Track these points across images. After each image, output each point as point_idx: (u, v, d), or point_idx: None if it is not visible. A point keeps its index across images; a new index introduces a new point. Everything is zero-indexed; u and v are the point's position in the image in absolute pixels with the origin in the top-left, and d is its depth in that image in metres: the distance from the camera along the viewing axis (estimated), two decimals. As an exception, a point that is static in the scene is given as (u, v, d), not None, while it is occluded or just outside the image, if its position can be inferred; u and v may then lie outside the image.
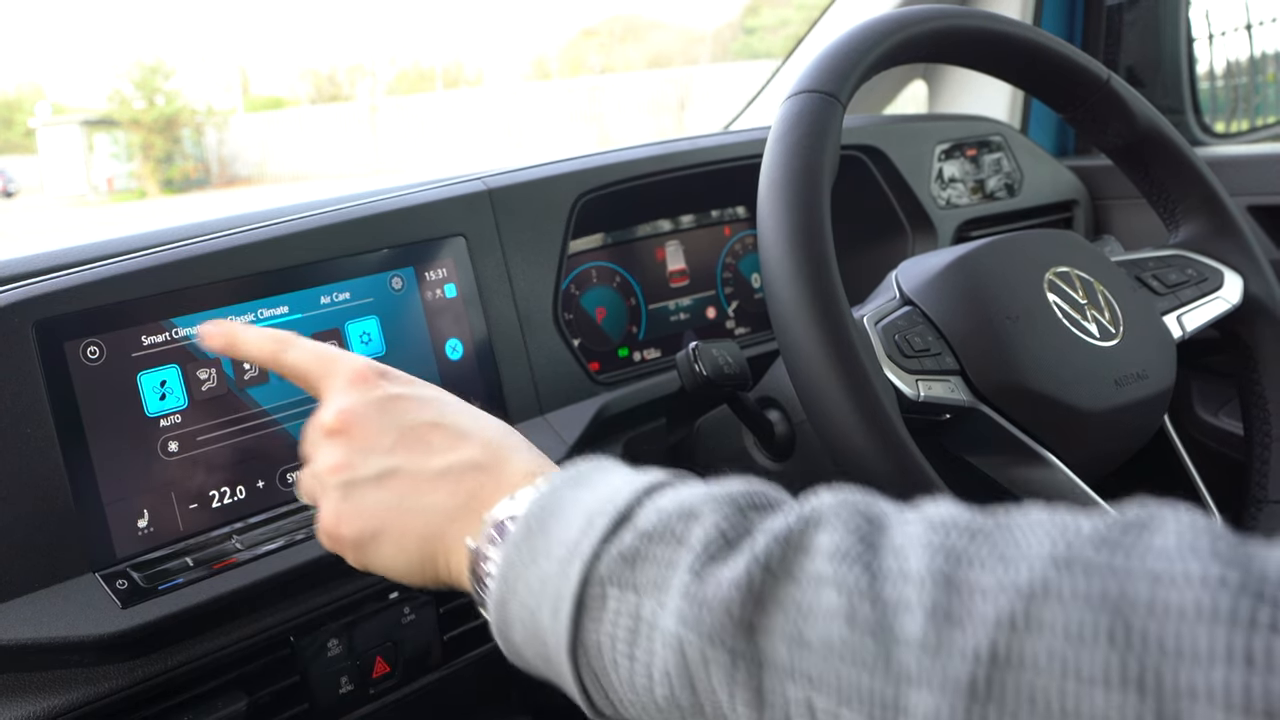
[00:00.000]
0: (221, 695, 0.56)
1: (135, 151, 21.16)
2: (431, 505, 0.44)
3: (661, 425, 0.78)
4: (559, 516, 0.40)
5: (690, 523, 0.36)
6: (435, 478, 0.44)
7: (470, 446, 0.45)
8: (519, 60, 39.94)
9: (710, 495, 0.38)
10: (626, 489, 0.39)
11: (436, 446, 0.45)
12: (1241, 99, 1.24)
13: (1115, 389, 0.58)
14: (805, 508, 0.35)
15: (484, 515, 0.42)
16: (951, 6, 0.63)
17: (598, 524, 0.38)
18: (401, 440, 0.45)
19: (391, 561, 0.45)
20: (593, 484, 0.41)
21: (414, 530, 0.44)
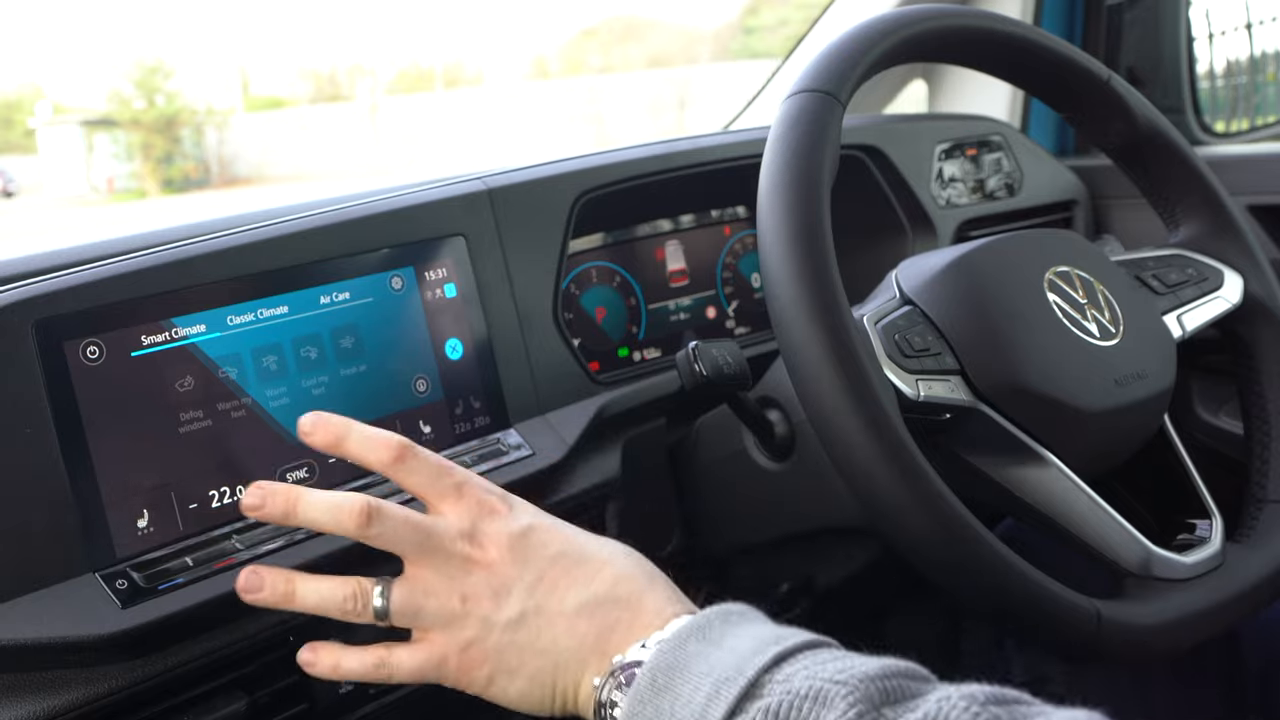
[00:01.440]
0: (221, 695, 0.56)
1: (135, 151, 21.15)
2: (567, 644, 0.45)
3: (661, 425, 0.78)
4: (685, 675, 0.40)
5: (821, 709, 0.36)
6: (573, 616, 0.45)
7: (604, 579, 0.46)
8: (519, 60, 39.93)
9: (843, 679, 0.37)
10: (757, 656, 0.39)
11: (573, 582, 0.46)
12: (1241, 98, 1.24)
13: (1115, 389, 0.58)
14: (937, 709, 0.34)
15: (614, 658, 0.43)
16: (951, 6, 0.63)
17: (724, 694, 0.38)
18: (540, 578, 0.46)
19: (518, 696, 0.46)
20: (722, 642, 0.41)
21: (547, 669, 0.45)
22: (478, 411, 0.68)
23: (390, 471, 0.48)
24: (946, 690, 0.36)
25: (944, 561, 0.50)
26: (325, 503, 0.47)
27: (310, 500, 0.47)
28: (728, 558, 0.79)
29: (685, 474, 0.78)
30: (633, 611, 0.45)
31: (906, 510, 0.49)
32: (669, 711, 0.39)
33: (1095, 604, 0.52)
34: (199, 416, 0.57)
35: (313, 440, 0.49)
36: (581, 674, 0.44)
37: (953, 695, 0.35)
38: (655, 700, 0.40)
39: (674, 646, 0.41)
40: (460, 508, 0.48)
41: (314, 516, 0.47)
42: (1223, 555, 0.59)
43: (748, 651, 0.40)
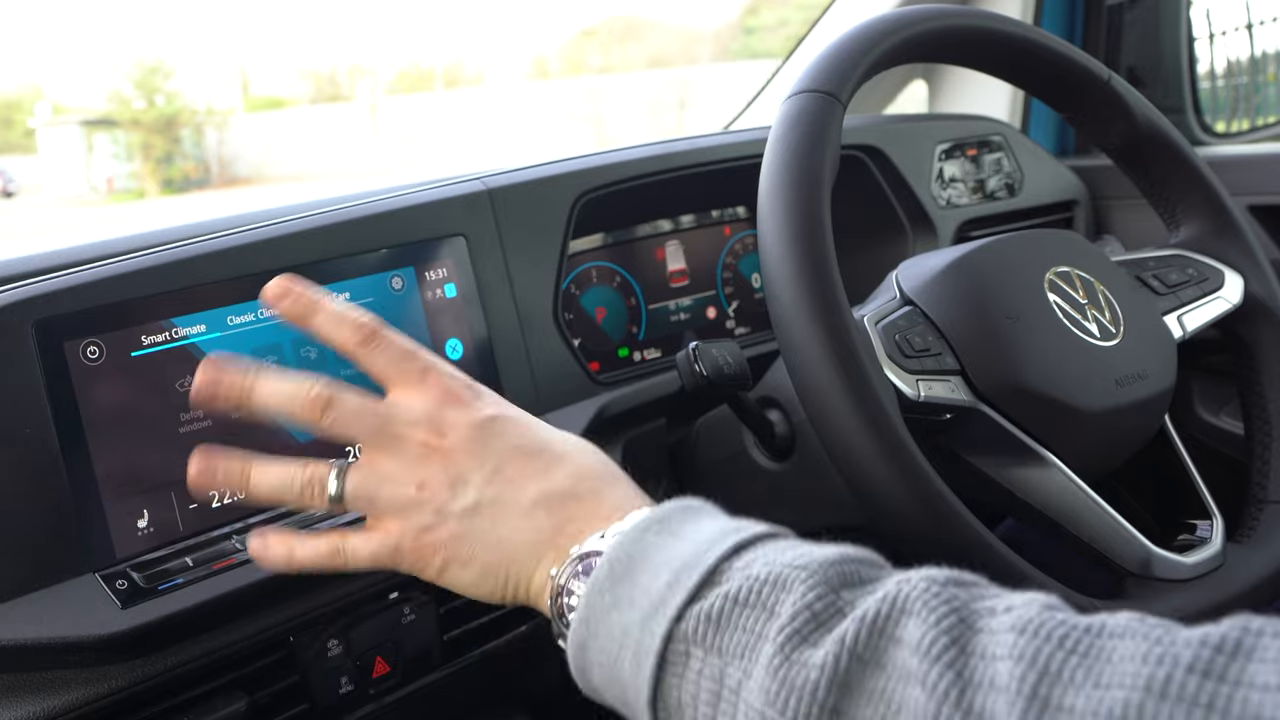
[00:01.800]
0: (221, 695, 0.56)
1: (135, 151, 21.15)
2: (523, 536, 0.44)
3: (661, 425, 0.78)
4: (645, 564, 0.40)
5: (780, 593, 0.36)
6: (529, 508, 0.44)
7: (563, 473, 0.46)
8: (519, 60, 39.94)
9: (802, 564, 0.37)
10: (716, 545, 0.39)
11: (531, 473, 0.45)
12: (1242, 98, 1.24)
13: (1116, 389, 0.58)
14: (896, 590, 0.35)
15: (571, 548, 0.43)
16: (952, 6, 0.63)
17: (684, 581, 0.38)
18: (497, 470, 0.45)
19: (471, 584, 0.45)
20: (681, 532, 0.41)
21: (502, 558, 0.44)
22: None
23: (356, 353, 0.47)
24: (905, 573, 0.36)
25: (944, 562, 0.50)
26: (282, 388, 0.46)
27: (268, 384, 0.46)
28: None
29: (685, 474, 0.78)
30: (592, 505, 0.44)
31: (907, 510, 0.49)
32: (627, 599, 0.39)
33: (1096, 604, 0.51)
34: (199, 416, 0.57)
35: (279, 307, 0.47)
36: (536, 566, 0.44)
37: (912, 577, 0.35)
38: (614, 589, 0.40)
39: (633, 537, 0.41)
40: (423, 393, 0.46)
41: (269, 401, 0.46)
42: (1223, 556, 0.59)
43: (707, 541, 0.40)
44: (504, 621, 0.67)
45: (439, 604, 0.64)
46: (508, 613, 0.67)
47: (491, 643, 0.67)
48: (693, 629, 0.37)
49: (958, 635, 0.32)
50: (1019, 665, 0.30)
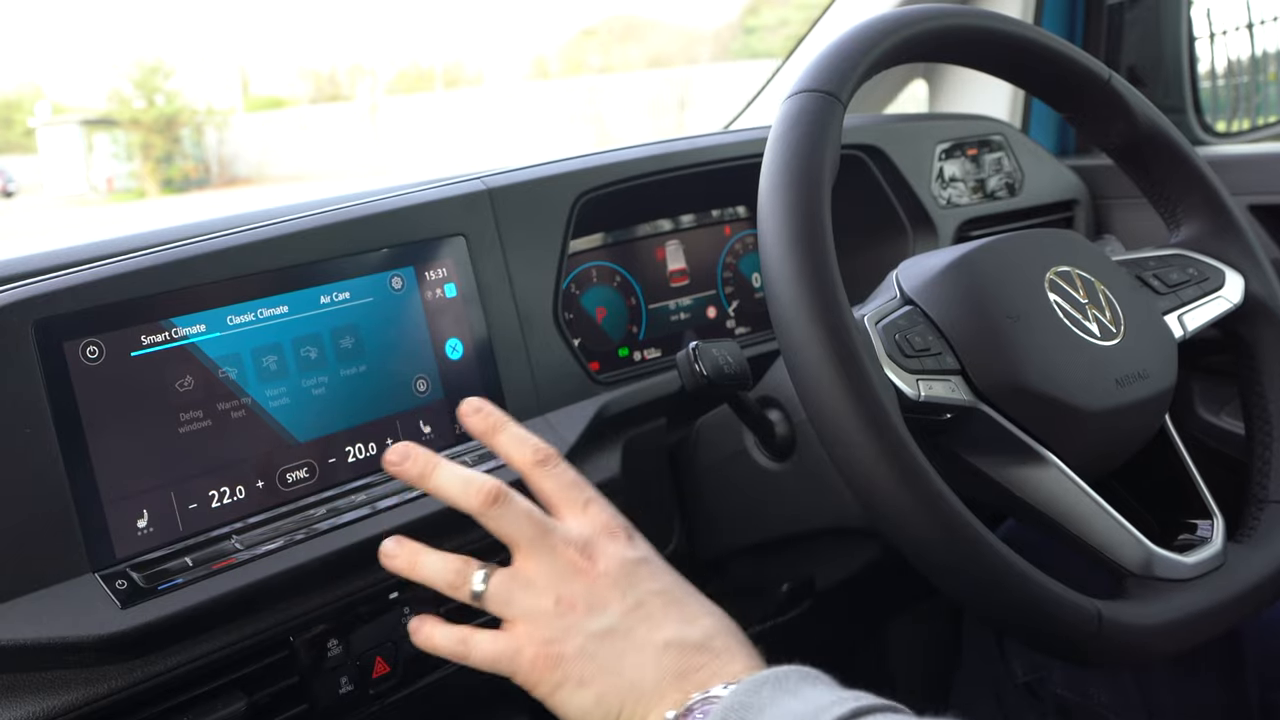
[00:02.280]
0: (221, 696, 0.56)
1: (135, 151, 21.15)
2: (648, 673, 0.44)
3: (661, 425, 0.78)
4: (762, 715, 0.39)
5: None
6: (662, 647, 0.45)
7: (701, 626, 0.46)
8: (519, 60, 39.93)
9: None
10: (834, 707, 0.39)
11: (670, 618, 0.46)
12: (1243, 98, 1.24)
13: (1116, 389, 0.58)
14: None
15: (694, 692, 0.43)
16: (952, 6, 0.63)
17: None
18: (639, 605, 0.46)
19: (582, 711, 0.45)
20: (799, 692, 0.41)
21: (618, 690, 0.44)
22: (478, 411, 0.68)
23: (530, 472, 0.51)
24: None
25: (944, 562, 0.50)
26: (459, 476, 0.50)
27: (446, 470, 0.50)
28: (728, 558, 0.79)
29: (686, 474, 0.78)
30: (723, 662, 0.45)
31: (907, 510, 0.49)
32: None
33: (1096, 604, 0.51)
34: (199, 416, 0.57)
35: (470, 421, 0.53)
36: (651, 708, 0.44)
37: None
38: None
39: (749, 689, 0.41)
40: (584, 520, 0.49)
41: (446, 485, 0.50)
42: (1224, 555, 0.59)
43: (825, 703, 0.39)
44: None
45: (439, 604, 0.64)
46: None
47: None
48: None
49: None
50: None
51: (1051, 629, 0.51)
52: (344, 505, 0.60)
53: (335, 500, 0.61)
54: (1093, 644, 0.51)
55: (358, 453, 0.62)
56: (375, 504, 0.61)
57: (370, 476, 0.62)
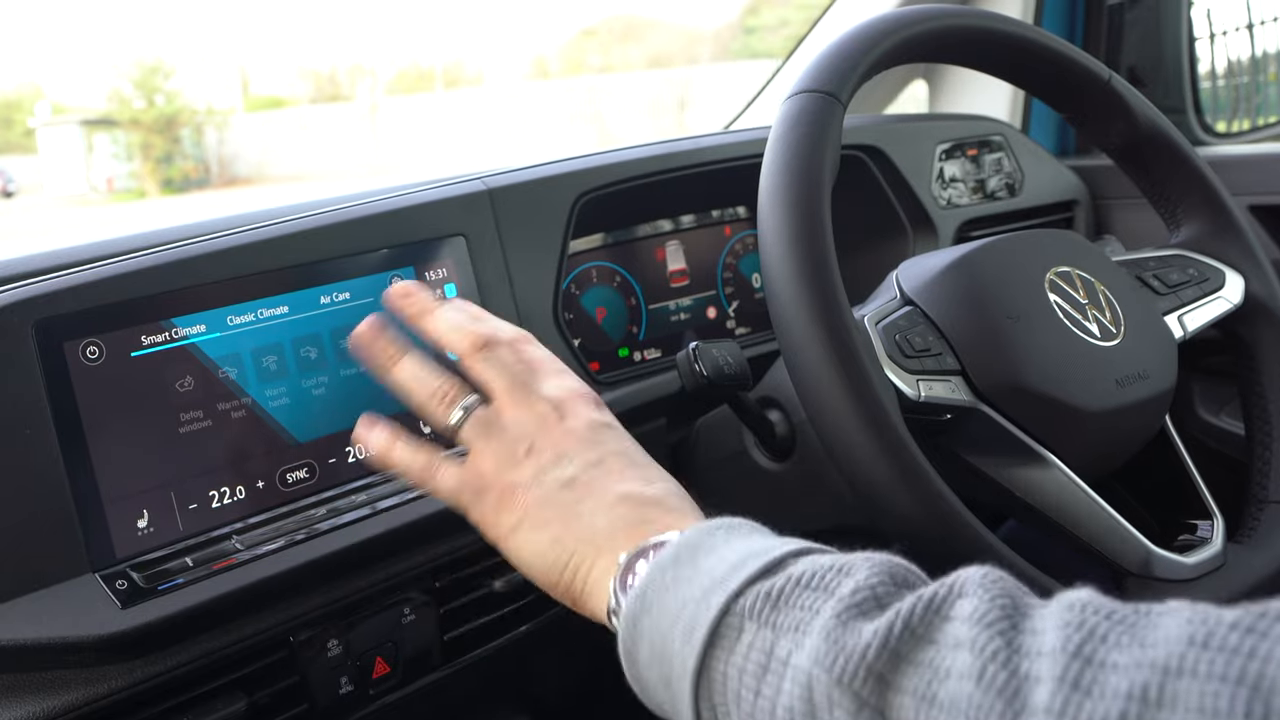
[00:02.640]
0: (221, 696, 0.56)
1: (135, 151, 21.15)
2: (600, 521, 0.45)
3: (661, 425, 0.78)
4: (711, 552, 0.40)
5: (844, 577, 0.37)
6: (615, 499, 0.46)
7: (658, 487, 0.47)
8: (519, 60, 39.93)
9: (868, 558, 0.38)
10: (784, 545, 0.40)
11: (629, 476, 0.47)
12: (1243, 98, 1.24)
13: (1116, 389, 0.58)
14: (954, 578, 0.36)
15: (647, 538, 0.44)
16: (952, 6, 0.63)
17: (750, 565, 0.39)
18: (600, 462, 0.47)
19: (535, 553, 0.46)
20: (752, 536, 0.42)
21: (574, 534, 0.45)
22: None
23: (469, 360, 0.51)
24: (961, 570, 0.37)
25: (944, 562, 0.50)
26: (453, 320, 0.52)
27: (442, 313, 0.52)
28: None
29: (686, 474, 0.78)
30: (673, 516, 0.46)
31: (907, 510, 0.49)
32: (689, 578, 0.39)
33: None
34: (199, 416, 0.57)
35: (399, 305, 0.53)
36: (601, 554, 0.44)
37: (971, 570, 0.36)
38: (676, 568, 0.40)
39: (704, 531, 0.42)
40: (563, 384, 0.51)
41: (439, 325, 0.52)
42: (1224, 556, 0.59)
43: (778, 542, 0.41)
44: (504, 621, 0.67)
45: (439, 604, 0.64)
46: (508, 613, 0.67)
47: (491, 643, 0.67)
48: (750, 605, 0.37)
49: (1009, 611, 0.33)
50: (1065, 630, 0.31)
51: (1051, 629, 0.51)
52: (344, 505, 0.60)
53: (335, 500, 0.61)
54: (1093, 644, 0.51)
55: (358, 453, 0.62)
56: (375, 504, 0.61)
57: (370, 476, 0.62)
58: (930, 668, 0.32)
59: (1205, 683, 0.27)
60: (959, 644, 0.32)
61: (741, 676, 0.36)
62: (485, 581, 0.66)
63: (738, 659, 0.37)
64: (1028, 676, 0.30)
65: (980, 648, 0.32)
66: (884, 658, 0.33)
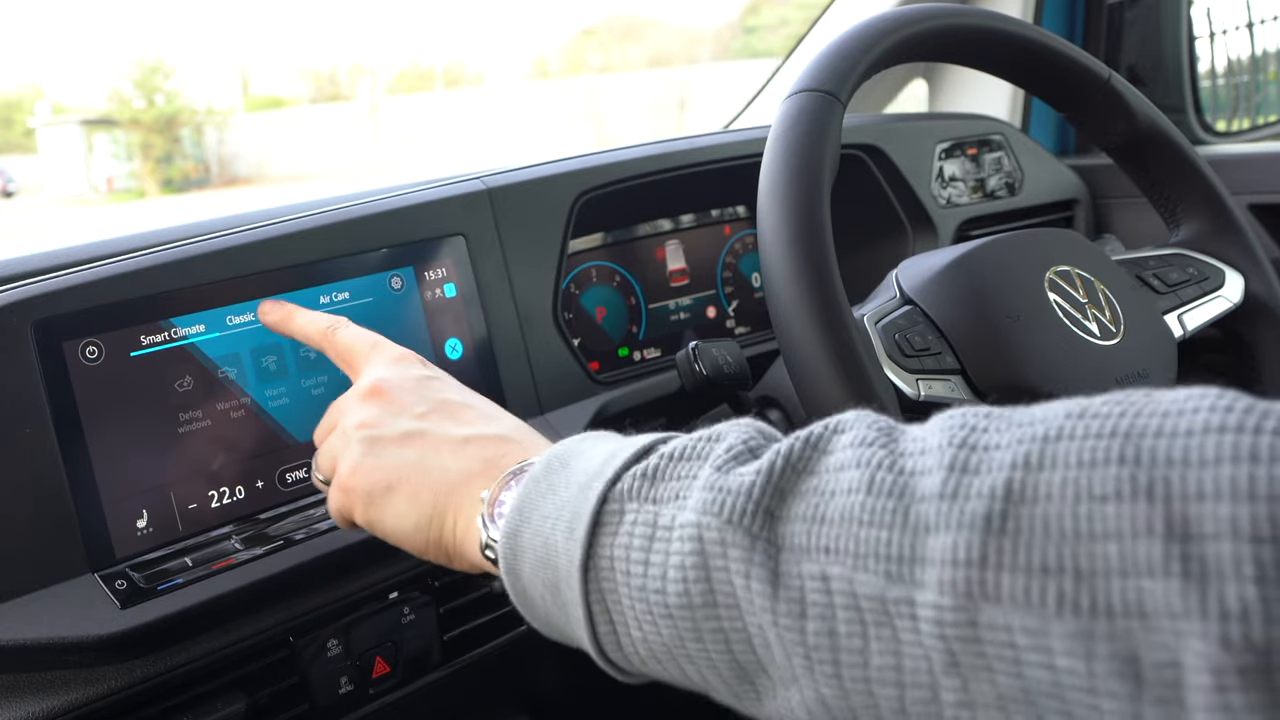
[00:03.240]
0: (220, 696, 0.56)
1: (135, 151, 21.16)
2: (451, 466, 0.44)
3: (661, 425, 0.78)
4: (581, 456, 0.40)
5: (715, 443, 0.37)
6: (460, 442, 0.45)
7: (497, 426, 0.47)
8: (519, 60, 39.93)
9: (735, 423, 0.38)
10: (652, 436, 0.40)
11: (465, 420, 0.47)
12: (1243, 97, 1.24)
13: (1116, 388, 0.58)
14: (830, 419, 0.36)
15: (504, 469, 0.43)
16: (952, 5, 0.63)
17: (621, 455, 0.39)
18: (432, 409, 0.47)
19: (398, 518, 0.45)
20: (615, 439, 0.42)
21: (428, 486, 0.44)
22: (478, 411, 0.68)
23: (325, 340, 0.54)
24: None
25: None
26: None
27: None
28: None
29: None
30: (524, 446, 0.45)
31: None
32: (563, 482, 0.39)
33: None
34: (198, 416, 0.57)
35: (266, 319, 0.58)
36: (464, 496, 0.43)
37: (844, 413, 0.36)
38: (548, 478, 0.40)
39: (569, 443, 0.42)
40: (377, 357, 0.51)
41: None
42: (1224, 555, 0.59)
43: (645, 435, 0.41)
44: (504, 621, 0.67)
45: (439, 604, 0.64)
46: (508, 613, 0.67)
47: (491, 643, 0.67)
48: (629, 487, 0.37)
49: (888, 430, 0.34)
50: (948, 431, 0.32)
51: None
52: (344, 505, 0.60)
53: (335, 500, 0.60)
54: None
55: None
56: (375, 504, 0.61)
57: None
58: (817, 493, 0.33)
59: (1083, 441, 0.28)
60: (843, 466, 0.33)
61: (629, 554, 0.36)
62: (485, 581, 0.66)
63: (623, 538, 0.36)
64: (914, 472, 0.31)
65: (864, 462, 0.32)
66: (769, 493, 0.33)
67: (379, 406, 0.47)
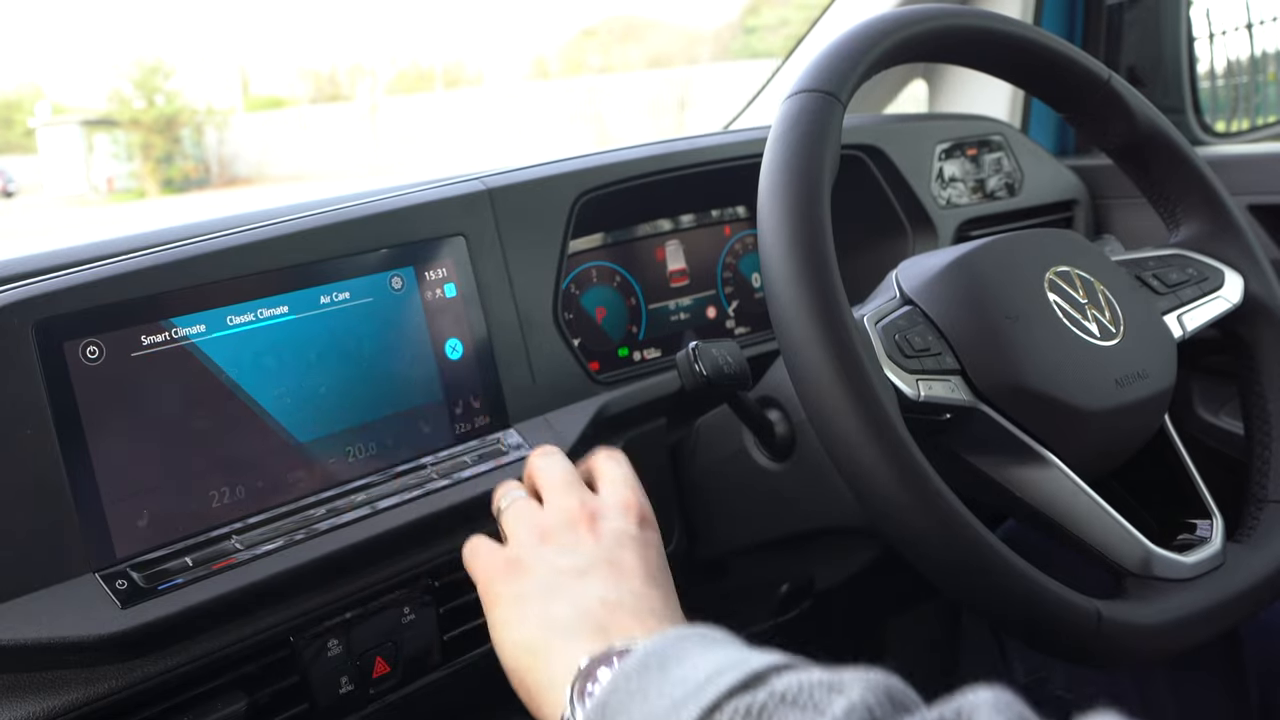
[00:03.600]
0: (221, 695, 0.56)
1: (135, 151, 21.14)
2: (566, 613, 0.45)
3: (661, 425, 0.78)
4: (682, 660, 0.37)
5: (834, 695, 0.33)
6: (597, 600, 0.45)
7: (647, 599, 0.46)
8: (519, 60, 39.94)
9: (861, 675, 0.34)
10: (765, 657, 0.36)
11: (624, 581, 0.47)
12: (1242, 98, 1.24)
13: (1116, 388, 0.58)
14: (960, 700, 0.32)
15: (610, 642, 0.42)
16: (952, 6, 0.63)
17: (726, 676, 0.35)
18: (606, 562, 0.48)
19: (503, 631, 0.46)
20: (726, 647, 0.39)
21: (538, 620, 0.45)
22: (478, 412, 0.68)
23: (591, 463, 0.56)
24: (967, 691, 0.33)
25: (944, 561, 0.50)
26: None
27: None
28: (728, 558, 0.79)
29: (686, 474, 0.78)
30: (641, 622, 0.44)
31: (906, 510, 0.49)
32: (657, 688, 0.36)
33: (1095, 604, 0.51)
34: (199, 416, 0.57)
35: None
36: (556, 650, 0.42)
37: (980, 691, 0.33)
38: (642, 677, 0.36)
39: (672, 639, 0.39)
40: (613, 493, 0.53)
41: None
42: (1223, 555, 0.59)
43: (757, 654, 0.37)
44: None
45: (439, 604, 0.64)
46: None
47: (491, 643, 0.67)
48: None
49: None
50: None
51: (1051, 628, 0.51)
52: (344, 505, 0.60)
53: (335, 500, 0.61)
54: (1092, 644, 0.51)
55: (358, 453, 0.62)
56: (375, 504, 0.61)
57: (370, 476, 0.62)
58: None
59: None
60: None
61: None
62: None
63: None
64: None
65: None
66: None
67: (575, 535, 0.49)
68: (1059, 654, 0.53)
